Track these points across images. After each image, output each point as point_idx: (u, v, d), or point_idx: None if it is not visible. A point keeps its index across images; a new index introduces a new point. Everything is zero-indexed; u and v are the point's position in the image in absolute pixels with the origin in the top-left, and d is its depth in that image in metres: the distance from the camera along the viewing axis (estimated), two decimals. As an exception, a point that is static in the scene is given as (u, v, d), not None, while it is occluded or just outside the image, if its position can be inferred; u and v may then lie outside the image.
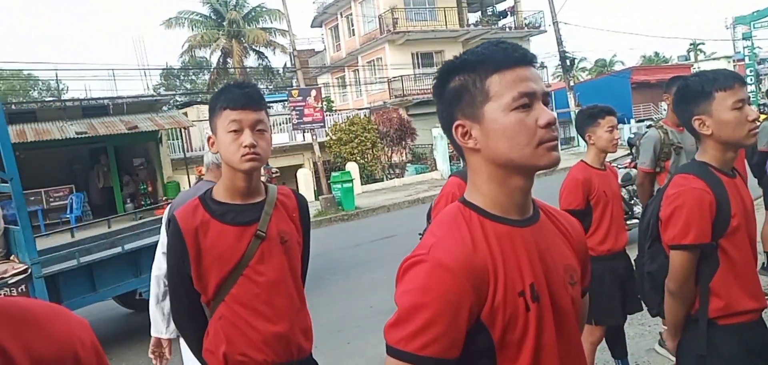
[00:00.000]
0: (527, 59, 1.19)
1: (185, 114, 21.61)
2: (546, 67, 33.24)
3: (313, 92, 17.72)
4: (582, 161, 3.40)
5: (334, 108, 30.09)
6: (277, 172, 7.73)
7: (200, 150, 21.80)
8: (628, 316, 3.53)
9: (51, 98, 35.83)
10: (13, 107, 18.20)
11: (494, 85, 1.16)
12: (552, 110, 1.32)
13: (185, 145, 20.84)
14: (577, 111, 3.79)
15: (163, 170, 19.91)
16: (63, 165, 19.95)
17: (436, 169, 22.25)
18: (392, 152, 23.03)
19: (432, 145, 22.98)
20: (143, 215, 14.82)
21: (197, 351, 2.08)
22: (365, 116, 22.92)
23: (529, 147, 1.15)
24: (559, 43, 25.37)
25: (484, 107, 1.17)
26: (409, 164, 23.23)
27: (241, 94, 1.93)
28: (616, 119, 3.34)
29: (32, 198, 17.54)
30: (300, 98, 17.26)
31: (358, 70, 32.03)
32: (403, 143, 22.88)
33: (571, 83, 26.67)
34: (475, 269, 1.13)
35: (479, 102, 1.18)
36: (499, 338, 1.15)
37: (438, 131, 21.90)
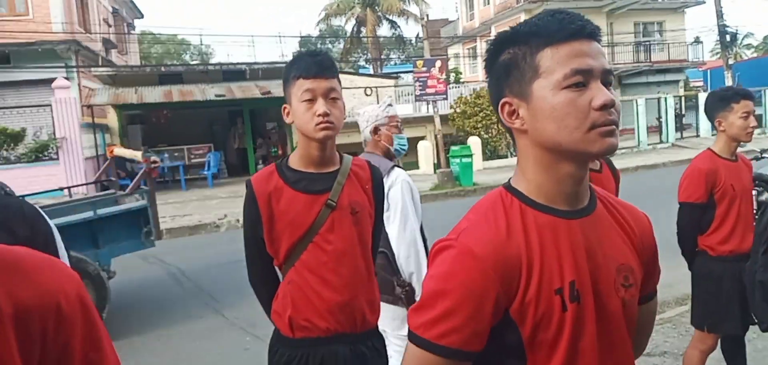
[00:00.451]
0: (586, 32, 1.07)
1: (316, 81, 22.27)
2: (702, 42, 30.32)
3: (438, 63, 17.45)
4: (709, 149, 3.10)
5: (461, 80, 29.57)
6: (156, 163, 7.39)
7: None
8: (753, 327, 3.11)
9: (195, 63, 38.71)
10: (163, 69, 19.75)
11: (545, 60, 1.07)
12: (706, 88, 1.07)
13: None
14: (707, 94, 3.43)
15: (293, 134, 20.74)
16: (204, 125, 21.48)
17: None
18: (519, 128, 22.14)
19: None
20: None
21: (267, 313, 2.16)
22: (493, 88, 22.19)
23: (579, 131, 1.04)
24: (719, 15, 22.95)
25: (532, 84, 1.08)
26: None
27: (314, 62, 1.94)
28: (752, 103, 2.99)
29: (176, 154, 19.06)
30: (424, 68, 17.08)
31: (489, 39, 31.12)
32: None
33: (730, 61, 24.02)
34: (505, 259, 1.07)
35: (528, 78, 1.08)
36: (529, 336, 1.09)
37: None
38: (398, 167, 2.87)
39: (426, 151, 19.23)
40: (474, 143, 18.64)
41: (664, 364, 4.15)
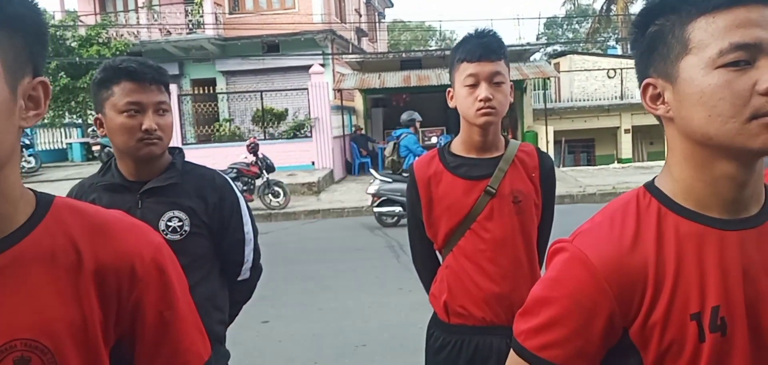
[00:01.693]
0: None
1: (557, 64, 21.58)
2: None
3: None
4: None
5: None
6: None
7: (567, 101, 21.61)
8: None
9: (434, 48, 39.93)
10: (403, 55, 20.93)
11: (698, 31, 0.87)
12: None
13: (554, 95, 20.88)
14: None
15: (524, 118, 20.41)
16: (440, 109, 22.18)
17: None
18: None
19: None
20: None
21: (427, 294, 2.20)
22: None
23: (736, 121, 0.84)
24: None
25: (680, 62, 0.90)
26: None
27: (479, 44, 1.89)
28: None
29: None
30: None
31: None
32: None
33: None
34: (625, 272, 0.92)
35: (675, 55, 0.90)
36: (653, 364, 0.93)
37: None
38: None
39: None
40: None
41: None
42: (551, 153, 18.43)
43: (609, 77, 20.29)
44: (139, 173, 1.87)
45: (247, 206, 2.08)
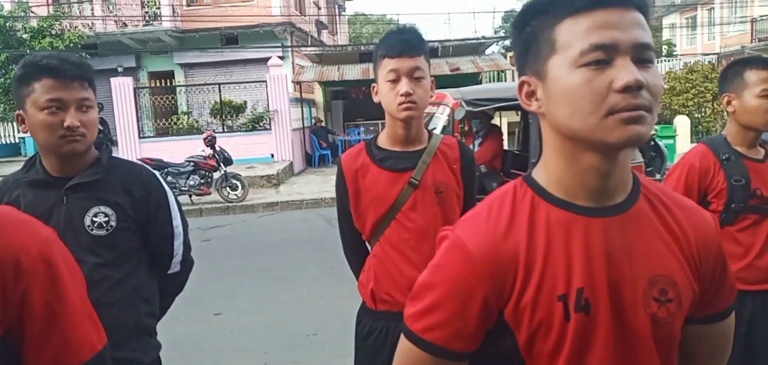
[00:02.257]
0: None
1: (512, 58, 21.91)
2: None
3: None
4: None
5: (675, 53, 26.79)
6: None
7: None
8: None
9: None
10: (362, 48, 20.98)
11: (563, 32, 0.93)
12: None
13: (509, 87, 21.21)
14: None
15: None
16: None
17: (800, 131, 18.10)
18: (740, 108, 19.53)
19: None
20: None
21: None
22: (710, 63, 19.87)
23: (595, 116, 0.90)
24: None
25: (548, 61, 0.95)
26: None
27: (399, 41, 1.96)
28: None
29: (371, 128, 20.20)
30: (622, 42, 15.83)
31: (713, 8, 27.69)
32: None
33: None
34: (498, 257, 0.98)
35: (544, 55, 0.96)
36: (525, 343, 1.00)
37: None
38: None
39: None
40: (681, 123, 16.90)
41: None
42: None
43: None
44: (63, 168, 1.85)
45: (176, 201, 2.11)
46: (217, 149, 12.01)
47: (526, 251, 0.98)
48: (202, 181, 11.87)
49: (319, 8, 25.40)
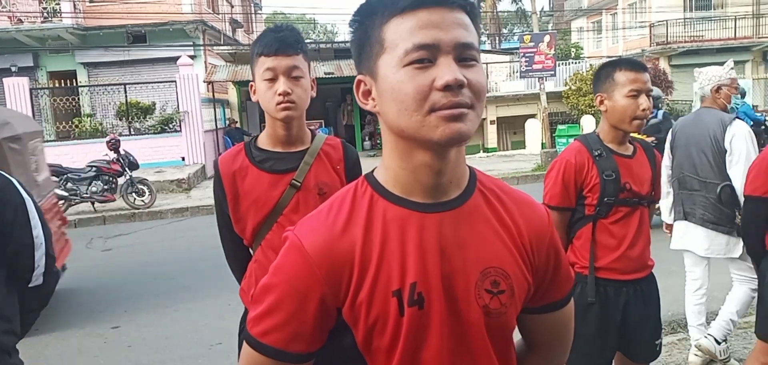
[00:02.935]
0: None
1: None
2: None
3: (547, 38, 16.70)
4: None
5: (582, 55, 28.09)
6: None
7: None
8: None
9: (309, 41, 39.83)
10: (278, 47, 20.65)
11: (390, 32, 0.94)
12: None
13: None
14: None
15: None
16: (318, 102, 22.26)
17: (693, 129, 19.35)
18: (640, 107, 20.71)
19: (692, 102, 20.09)
20: (378, 153, 15.90)
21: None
22: (613, 65, 20.89)
23: (419, 114, 0.92)
24: None
25: (379, 60, 0.96)
26: (662, 122, 20.64)
27: (275, 39, 1.89)
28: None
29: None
30: (532, 44, 16.45)
31: (616, 13, 29.25)
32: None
33: None
34: (333, 256, 0.98)
35: (375, 54, 0.97)
36: (363, 341, 1.01)
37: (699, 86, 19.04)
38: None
39: (534, 129, 18.58)
40: (587, 122, 17.74)
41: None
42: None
43: (476, 71, 21.29)
44: None
45: (38, 209, 1.96)
46: (122, 152, 11.49)
47: (361, 248, 0.98)
48: (105, 187, 11.31)
49: (233, 6, 24.80)
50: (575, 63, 23.18)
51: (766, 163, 2.62)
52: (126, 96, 15.93)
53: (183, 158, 15.60)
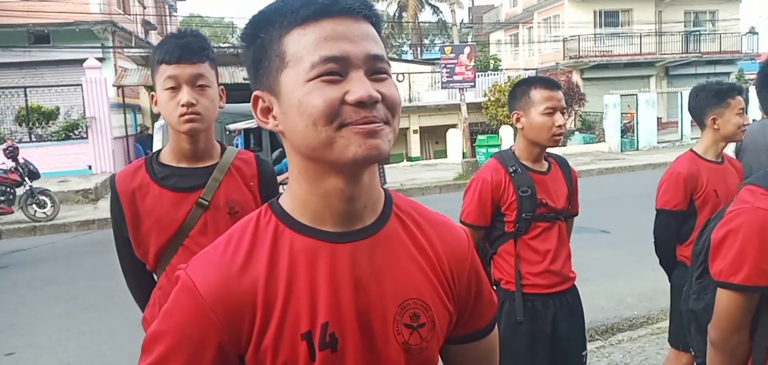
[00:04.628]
0: (344, 8, 0.85)
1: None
2: (757, 33, 28.66)
3: (467, 50, 17.00)
4: (691, 150, 2.87)
5: (500, 67, 28.94)
6: None
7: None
8: None
9: (226, 45, 38.83)
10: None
11: (292, 44, 0.85)
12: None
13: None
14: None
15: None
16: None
17: (604, 140, 20.34)
18: (555, 118, 21.56)
19: (602, 113, 21.06)
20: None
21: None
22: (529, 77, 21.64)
23: (329, 130, 0.83)
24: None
25: (280, 76, 0.87)
26: (576, 132, 21.56)
27: (177, 45, 1.73)
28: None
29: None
30: (452, 55, 16.68)
31: (532, 27, 30.35)
32: (570, 108, 21.26)
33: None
34: (232, 298, 0.87)
35: (275, 68, 0.87)
36: None
37: (611, 99, 20.02)
38: None
39: (455, 138, 18.87)
40: (505, 132, 18.19)
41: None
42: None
43: (398, 81, 21.41)
44: None
45: None
46: (21, 161, 10.62)
47: (265, 287, 0.88)
48: (2, 198, 10.44)
49: (145, 7, 23.73)
50: (494, 74, 23.82)
51: (674, 179, 2.76)
52: (26, 100, 14.84)
53: (90, 167, 14.71)
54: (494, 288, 2.48)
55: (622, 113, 20.20)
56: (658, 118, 21.59)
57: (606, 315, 5.04)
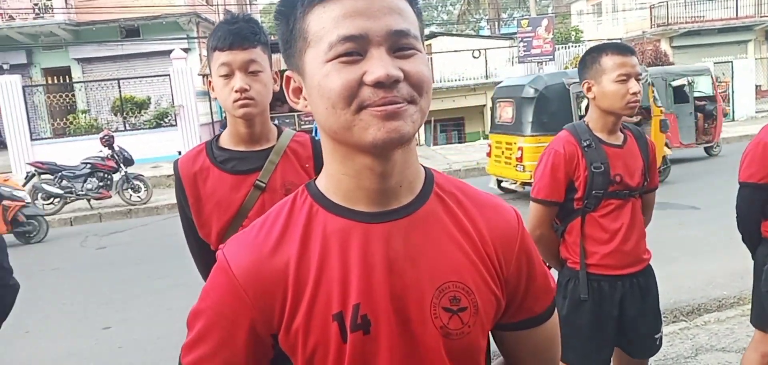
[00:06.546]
0: None
1: (429, 46, 22.00)
2: None
3: (545, 22, 16.51)
4: None
5: (582, 39, 27.83)
6: None
7: (439, 82, 22.16)
8: None
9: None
10: (273, 37, 20.45)
11: (313, 23, 0.83)
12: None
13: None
14: None
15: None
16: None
17: (696, 110, 19.15)
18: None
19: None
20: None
21: None
22: (613, 47, 20.68)
23: (348, 112, 0.81)
24: None
25: (304, 56, 0.85)
26: (662, 104, 20.42)
27: (229, 32, 1.76)
28: None
29: (287, 120, 19.78)
30: (529, 28, 16.22)
31: (616, -5, 28.98)
32: (658, 79, 20.18)
33: None
34: (263, 278, 0.87)
35: (300, 48, 0.86)
36: None
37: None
38: None
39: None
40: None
41: None
42: (422, 133, 18.86)
43: (474, 57, 21.02)
44: None
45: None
46: (116, 148, 11.30)
47: (296, 267, 0.88)
48: (100, 184, 11.15)
49: (227, -2, 24.55)
50: (575, 46, 22.90)
51: (760, 149, 2.55)
52: (120, 91, 15.75)
53: (179, 153, 15.35)
54: (562, 267, 2.41)
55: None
56: (756, 85, 20.11)
57: (692, 296, 4.80)
